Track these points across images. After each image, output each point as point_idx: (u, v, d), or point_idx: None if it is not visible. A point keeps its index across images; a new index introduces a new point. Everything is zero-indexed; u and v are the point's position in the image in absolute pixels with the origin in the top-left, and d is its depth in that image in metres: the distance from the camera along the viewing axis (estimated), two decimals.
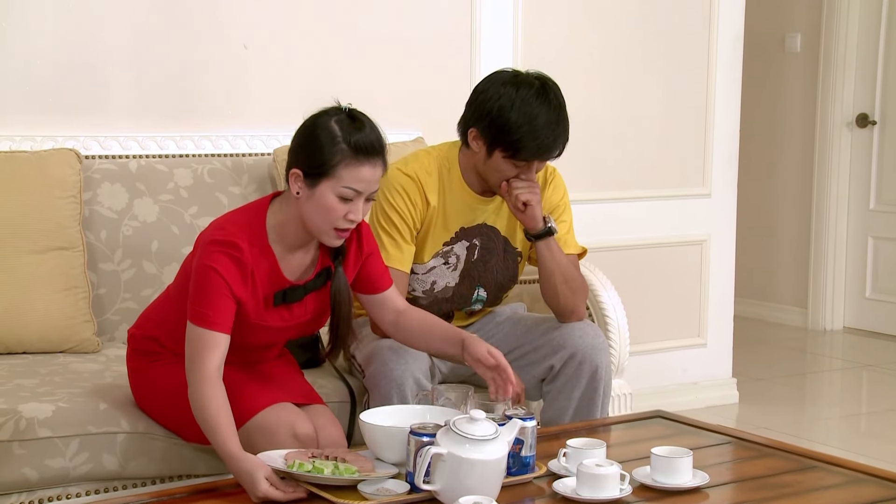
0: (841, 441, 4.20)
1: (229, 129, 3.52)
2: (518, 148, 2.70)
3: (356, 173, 2.34)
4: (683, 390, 4.56)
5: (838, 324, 6.13)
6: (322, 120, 2.38)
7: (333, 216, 2.36)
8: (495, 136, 2.72)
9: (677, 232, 4.54)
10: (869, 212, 6.03)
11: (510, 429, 2.15)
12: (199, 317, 2.33)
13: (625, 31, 4.34)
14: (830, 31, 5.95)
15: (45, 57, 3.30)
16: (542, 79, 2.76)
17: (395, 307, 2.61)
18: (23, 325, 2.91)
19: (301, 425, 2.39)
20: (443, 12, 3.93)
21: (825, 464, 2.40)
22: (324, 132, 2.36)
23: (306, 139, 2.39)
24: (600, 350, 2.83)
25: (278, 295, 2.44)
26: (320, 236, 2.42)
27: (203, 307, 2.33)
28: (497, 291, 2.97)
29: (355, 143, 2.34)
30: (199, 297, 2.35)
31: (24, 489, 2.45)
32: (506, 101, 2.70)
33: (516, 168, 2.75)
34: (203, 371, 2.29)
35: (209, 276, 2.34)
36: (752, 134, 5.95)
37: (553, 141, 2.71)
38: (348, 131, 2.35)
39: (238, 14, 3.57)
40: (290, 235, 2.43)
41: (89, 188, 3.13)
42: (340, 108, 2.40)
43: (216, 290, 2.33)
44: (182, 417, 2.45)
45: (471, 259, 2.90)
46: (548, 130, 2.70)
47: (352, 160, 2.34)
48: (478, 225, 2.89)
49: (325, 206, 2.35)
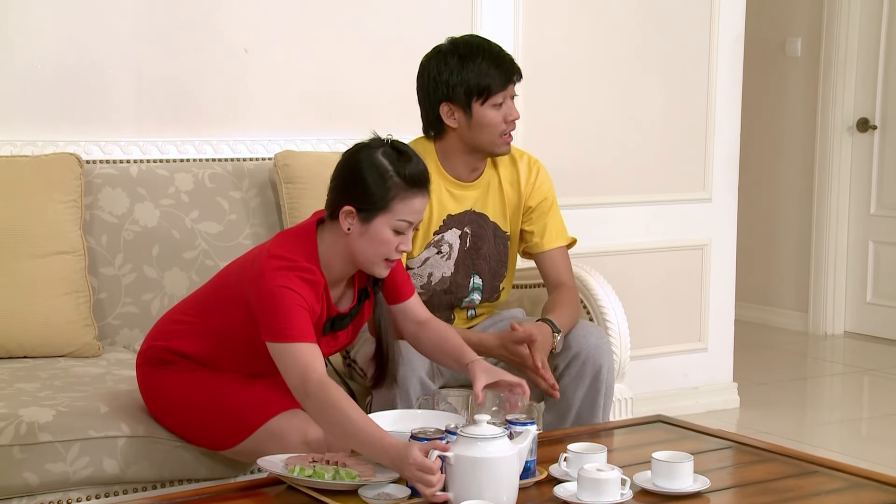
0: (842, 446, 4.20)
1: (230, 134, 3.52)
2: (491, 81, 2.77)
3: (410, 206, 2.38)
4: (684, 395, 4.55)
5: (839, 328, 6.13)
6: (367, 154, 2.39)
7: (387, 249, 2.39)
8: (466, 90, 2.78)
9: (678, 236, 4.54)
10: (870, 216, 6.02)
11: (523, 437, 2.15)
12: (281, 334, 2.30)
13: (625, 35, 4.35)
14: (831, 35, 5.95)
15: (46, 62, 3.30)
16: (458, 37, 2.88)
17: (416, 317, 2.61)
18: (24, 329, 2.91)
19: (312, 431, 2.39)
20: (443, 15, 3.93)
21: (826, 468, 2.40)
22: (373, 167, 2.36)
23: (355, 176, 2.38)
24: (604, 350, 2.84)
25: (327, 324, 2.46)
26: (369, 268, 2.43)
27: (282, 324, 2.30)
28: (492, 279, 2.98)
29: (409, 175, 2.37)
30: (275, 315, 2.31)
31: (25, 494, 2.45)
32: (452, 61, 2.79)
33: (495, 110, 2.79)
34: (311, 379, 2.25)
35: (283, 294, 2.31)
36: (753, 138, 5.96)
37: (511, 58, 2.81)
38: (399, 164, 2.37)
39: (239, 18, 3.57)
40: (336, 268, 2.44)
41: (90, 193, 3.13)
42: (382, 141, 2.42)
43: (292, 304, 2.31)
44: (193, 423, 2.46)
45: (464, 247, 2.92)
46: (501, 52, 2.80)
47: (406, 193, 2.36)
48: (465, 211, 2.91)
49: (381, 240, 2.38)
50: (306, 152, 3.43)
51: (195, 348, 2.51)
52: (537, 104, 4.16)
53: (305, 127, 3.64)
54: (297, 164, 3.31)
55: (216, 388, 2.47)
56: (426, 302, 2.83)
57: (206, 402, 2.47)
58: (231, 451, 2.50)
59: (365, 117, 3.55)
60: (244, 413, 2.43)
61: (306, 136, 3.60)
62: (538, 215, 2.99)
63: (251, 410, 2.41)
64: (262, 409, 2.42)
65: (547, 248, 2.99)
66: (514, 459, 2.09)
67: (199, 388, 2.47)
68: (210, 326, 2.49)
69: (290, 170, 3.30)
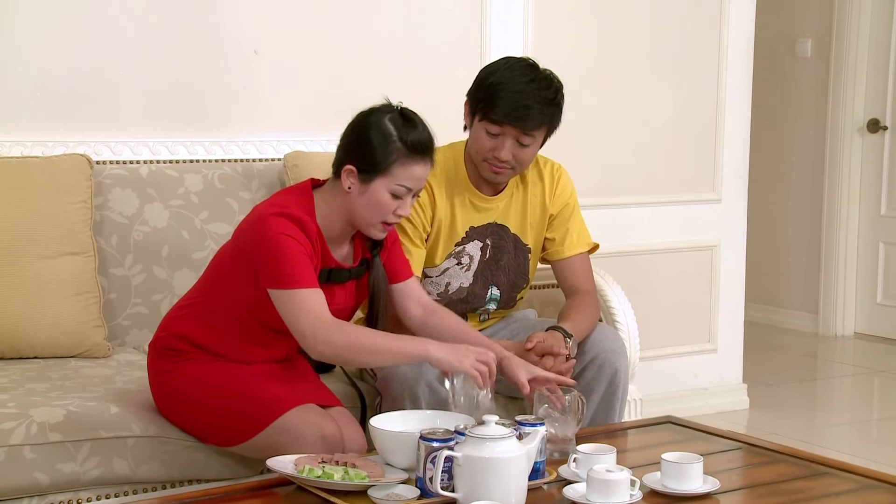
0: (852, 447, 4.19)
1: (240, 135, 3.53)
2: (492, 104, 2.71)
3: (410, 171, 2.43)
4: (694, 396, 4.55)
5: (849, 329, 6.12)
6: (376, 118, 2.45)
7: (384, 211, 2.45)
8: (475, 96, 2.76)
9: (688, 237, 4.54)
10: (880, 217, 6.01)
11: (532, 437, 2.15)
12: (285, 280, 2.35)
13: (635, 37, 4.34)
14: (841, 36, 5.94)
15: (56, 63, 3.31)
16: (538, 64, 2.79)
17: (419, 299, 2.65)
18: (34, 329, 2.92)
19: (328, 427, 2.41)
20: (453, 19, 3.93)
21: (836, 470, 2.40)
22: (378, 130, 2.43)
23: (361, 137, 2.45)
24: (620, 353, 2.84)
25: (323, 272, 2.48)
26: (366, 229, 2.49)
27: (286, 270, 2.36)
28: (510, 290, 2.97)
29: (411, 142, 2.42)
30: (277, 262, 2.36)
31: (36, 493, 2.46)
32: (494, 66, 2.77)
33: (491, 137, 2.74)
34: (321, 323, 2.34)
35: (284, 242, 2.37)
36: (763, 139, 5.94)
37: (529, 105, 2.70)
38: (403, 130, 2.43)
39: (248, 20, 3.57)
40: (335, 226, 2.50)
41: (100, 193, 3.14)
42: (392, 107, 2.48)
43: (294, 251, 2.37)
44: (204, 420, 2.47)
45: (483, 259, 2.91)
46: (526, 94, 2.70)
47: (406, 159, 2.42)
48: (488, 224, 2.90)
49: (378, 201, 2.43)
50: (315, 153, 3.44)
51: (195, 329, 2.52)
52: None
53: (314, 127, 3.64)
54: (306, 165, 3.31)
55: (228, 383, 2.48)
56: None
57: (218, 398, 2.48)
58: (243, 446, 2.50)
59: None
60: (258, 407, 2.43)
61: (315, 137, 3.60)
62: (560, 222, 2.97)
63: (265, 405, 2.41)
64: (277, 404, 2.43)
65: (567, 255, 2.96)
66: (523, 460, 2.09)
67: (210, 384, 2.47)
68: (210, 303, 2.52)
69: (300, 170, 3.30)
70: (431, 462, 2.11)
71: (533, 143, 2.77)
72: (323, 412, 2.46)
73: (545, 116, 2.74)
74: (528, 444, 2.12)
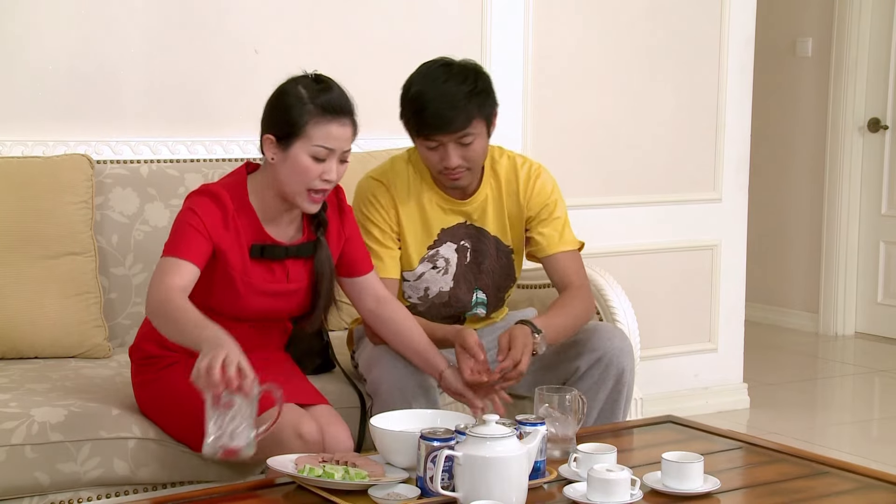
0: (853, 446, 4.19)
1: (240, 134, 3.52)
2: (416, 119, 2.69)
3: (326, 131, 2.44)
4: (694, 395, 4.55)
5: (850, 329, 6.12)
6: (289, 85, 2.51)
7: (308, 177, 2.45)
8: (402, 116, 2.74)
9: (688, 237, 4.54)
10: (881, 216, 6.01)
11: (532, 437, 2.15)
12: (167, 249, 2.41)
13: (636, 37, 4.34)
14: (842, 35, 5.94)
15: (56, 63, 3.31)
16: (453, 59, 2.74)
17: (375, 294, 2.67)
18: (35, 329, 2.92)
19: (306, 426, 2.39)
20: (453, 19, 3.93)
21: (837, 469, 2.40)
22: (291, 96, 2.48)
23: (275, 104, 2.51)
24: (627, 353, 2.83)
25: (256, 247, 2.50)
26: (295, 199, 2.49)
27: (174, 242, 2.41)
28: (496, 292, 2.96)
29: (322, 102, 2.45)
30: (172, 236, 2.43)
31: (36, 493, 2.46)
32: (410, 80, 2.75)
33: (432, 151, 2.70)
34: (163, 284, 2.32)
35: (186, 217, 2.44)
36: (764, 139, 5.94)
37: (449, 108, 2.64)
38: (315, 92, 2.46)
39: (248, 19, 3.58)
40: (270, 204, 2.52)
41: (101, 193, 3.14)
42: (307, 75, 2.52)
43: (189, 226, 2.42)
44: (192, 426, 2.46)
45: (463, 262, 2.89)
46: (443, 98, 2.65)
47: (320, 118, 2.44)
48: (458, 224, 2.86)
49: (300, 166, 2.45)
50: None
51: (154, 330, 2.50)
52: (547, 106, 4.16)
53: None
54: None
55: None
56: (424, 313, 2.83)
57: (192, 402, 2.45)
58: None
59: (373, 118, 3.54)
60: None
61: None
62: (538, 223, 2.89)
63: None
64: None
65: (552, 252, 2.90)
66: (523, 459, 2.09)
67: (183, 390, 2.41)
68: None
69: None
70: (432, 461, 2.11)
71: (476, 138, 2.70)
72: (301, 411, 2.44)
73: (471, 110, 2.66)
74: (528, 444, 2.12)
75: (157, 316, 2.32)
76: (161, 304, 2.30)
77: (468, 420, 2.32)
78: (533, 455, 2.14)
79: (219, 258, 2.45)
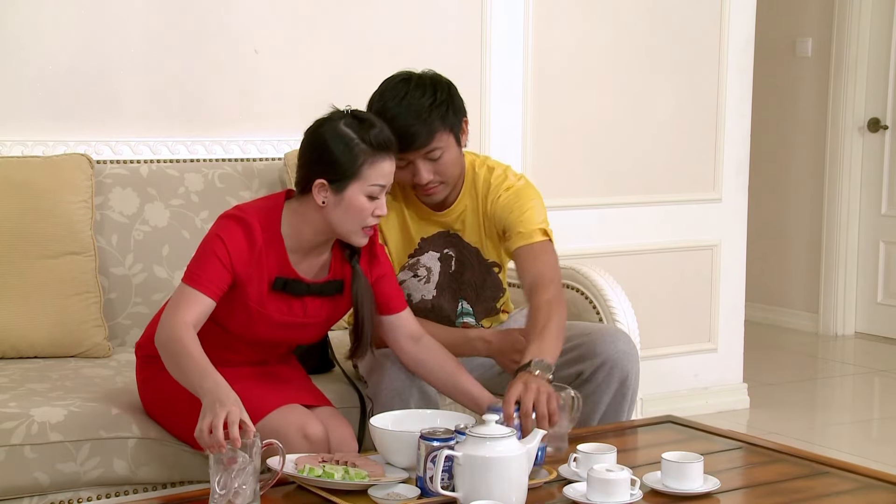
0: (852, 447, 4.19)
1: (240, 134, 3.53)
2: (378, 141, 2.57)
3: (379, 169, 2.42)
4: (694, 395, 4.55)
5: (850, 329, 6.12)
6: (330, 126, 2.43)
7: (364, 216, 2.43)
8: None
9: (688, 237, 4.54)
10: (880, 216, 6.01)
11: (532, 437, 2.15)
12: (189, 275, 2.39)
13: (636, 36, 4.34)
14: (842, 35, 5.94)
15: (56, 63, 3.31)
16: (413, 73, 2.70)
17: (409, 332, 2.61)
18: (35, 329, 2.92)
19: (311, 426, 2.40)
20: (453, 19, 3.93)
21: (837, 469, 2.40)
22: (337, 138, 2.41)
23: (321, 148, 2.42)
24: (631, 357, 2.80)
25: (279, 280, 2.47)
26: (350, 238, 2.47)
27: (196, 268, 2.39)
28: (483, 303, 2.92)
29: (372, 140, 2.41)
30: (196, 259, 2.41)
31: (36, 493, 2.46)
32: (371, 99, 2.69)
33: (403, 169, 2.64)
34: (177, 318, 2.32)
35: (213, 243, 2.40)
36: (764, 139, 5.95)
37: (408, 125, 2.59)
38: (361, 131, 2.41)
39: (249, 19, 3.58)
40: (305, 238, 2.47)
41: (101, 193, 3.14)
42: (342, 112, 2.47)
43: (214, 255, 2.39)
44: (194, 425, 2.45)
45: (447, 271, 2.86)
46: (402, 116, 2.60)
47: (373, 158, 2.41)
48: (438, 233, 2.84)
49: (356, 207, 2.42)
50: None
51: None
52: (547, 106, 4.16)
53: None
54: None
55: None
56: None
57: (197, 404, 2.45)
58: None
59: None
60: None
61: None
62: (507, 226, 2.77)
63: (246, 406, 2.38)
64: (259, 406, 2.40)
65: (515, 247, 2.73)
66: (523, 459, 2.09)
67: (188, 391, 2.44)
68: None
69: None
70: (432, 461, 2.11)
71: (444, 151, 2.65)
72: (307, 412, 2.44)
73: (433, 124, 2.62)
74: (528, 444, 2.12)
75: (164, 351, 2.33)
76: (170, 341, 2.31)
77: (468, 420, 2.32)
78: (533, 455, 2.14)
79: (238, 287, 2.43)
